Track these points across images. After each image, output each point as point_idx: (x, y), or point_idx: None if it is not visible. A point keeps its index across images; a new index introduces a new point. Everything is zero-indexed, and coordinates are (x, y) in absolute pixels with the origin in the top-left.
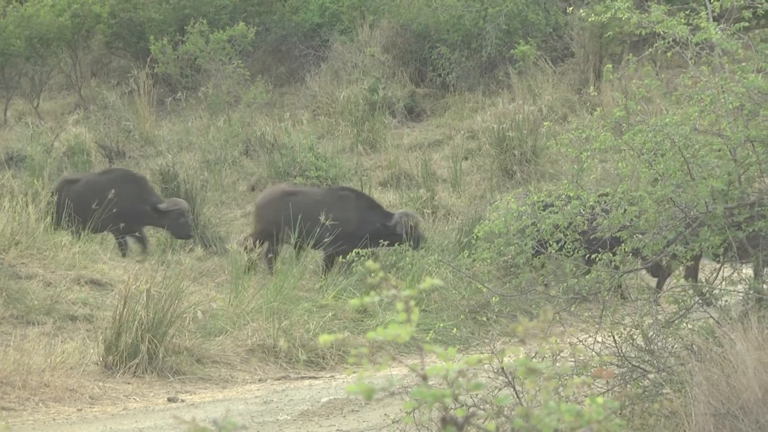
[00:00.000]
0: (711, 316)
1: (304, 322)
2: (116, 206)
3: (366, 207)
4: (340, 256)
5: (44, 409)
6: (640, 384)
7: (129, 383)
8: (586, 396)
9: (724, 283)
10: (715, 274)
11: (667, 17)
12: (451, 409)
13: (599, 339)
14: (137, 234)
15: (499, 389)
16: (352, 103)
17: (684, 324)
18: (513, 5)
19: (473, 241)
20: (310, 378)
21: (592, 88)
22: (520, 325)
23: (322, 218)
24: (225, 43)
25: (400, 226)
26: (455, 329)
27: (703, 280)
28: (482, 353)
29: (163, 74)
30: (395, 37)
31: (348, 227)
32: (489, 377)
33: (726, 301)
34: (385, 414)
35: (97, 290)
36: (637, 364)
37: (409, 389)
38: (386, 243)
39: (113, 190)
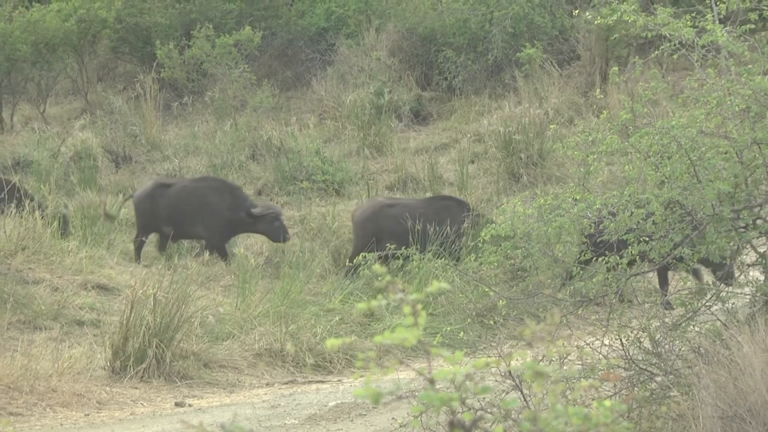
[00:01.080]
0: (718, 319)
1: (311, 326)
2: (212, 215)
3: (468, 214)
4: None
5: (52, 414)
6: (648, 387)
7: (136, 388)
8: (593, 399)
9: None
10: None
11: (673, 20)
12: (459, 412)
13: (606, 342)
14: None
15: (507, 393)
16: (359, 106)
17: (691, 327)
18: (519, 8)
19: (480, 245)
20: (317, 382)
21: (598, 90)
22: (527, 328)
23: (422, 228)
24: (231, 48)
25: None
26: (462, 333)
27: (710, 282)
28: (489, 357)
29: (169, 79)
30: (401, 40)
31: (453, 236)
32: (496, 381)
33: (733, 303)
34: (393, 418)
35: (104, 295)
36: (645, 367)
37: (417, 393)
38: None
39: (209, 199)
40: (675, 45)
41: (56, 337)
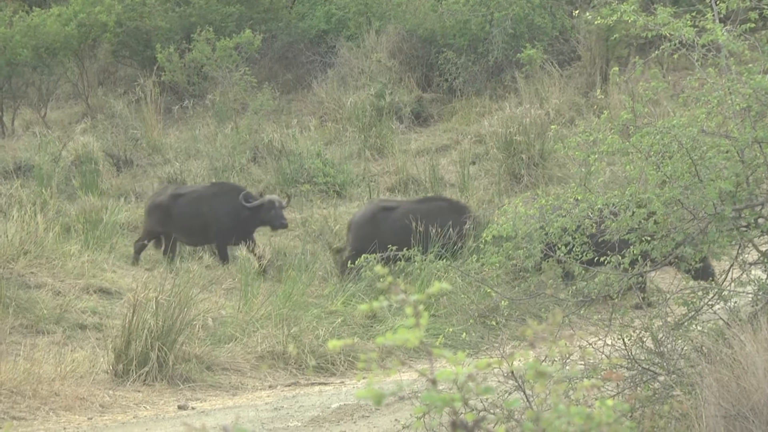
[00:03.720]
0: (720, 318)
1: (313, 328)
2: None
3: None
4: None
5: (55, 418)
6: (650, 386)
7: (139, 391)
8: (596, 399)
9: (733, 284)
10: (724, 275)
11: (673, 19)
12: (461, 413)
13: (609, 342)
14: None
15: (509, 393)
16: (359, 108)
17: (693, 326)
18: (519, 9)
19: (482, 246)
20: (320, 384)
21: (599, 91)
22: (529, 328)
23: None
24: (231, 51)
25: None
26: (464, 333)
27: (713, 282)
28: (492, 357)
29: (170, 82)
30: (402, 42)
31: None
32: (499, 381)
33: (735, 302)
34: (396, 419)
35: (106, 299)
36: (647, 367)
37: (419, 394)
38: None
39: (438, 221)
40: (675, 45)
41: (59, 341)
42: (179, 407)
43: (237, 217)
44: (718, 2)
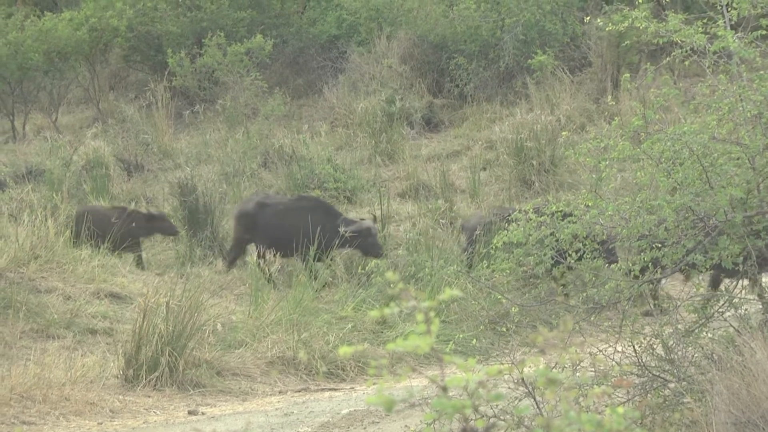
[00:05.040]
0: (731, 325)
1: (323, 333)
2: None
3: None
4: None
5: (65, 422)
6: (661, 393)
7: (149, 396)
8: (606, 406)
9: (743, 292)
10: (734, 283)
11: (684, 26)
12: (472, 420)
13: (619, 349)
14: None
15: (520, 400)
16: (370, 114)
17: (704, 333)
18: (530, 15)
19: (492, 252)
20: (330, 390)
21: (609, 97)
22: (539, 335)
23: None
24: (243, 56)
25: None
26: (475, 340)
27: (723, 289)
28: (502, 364)
29: (181, 87)
30: (412, 48)
31: None
32: (509, 388)
33: (746, 309)
34: (406, 425)
35: (117, 304)
36: (658, 374)
37: (429, 400)
38: None
39: None
40: (686, 51)
41: (69, 346)
42: (189, 412)
43: (325, 236)
44: (729, 9)
